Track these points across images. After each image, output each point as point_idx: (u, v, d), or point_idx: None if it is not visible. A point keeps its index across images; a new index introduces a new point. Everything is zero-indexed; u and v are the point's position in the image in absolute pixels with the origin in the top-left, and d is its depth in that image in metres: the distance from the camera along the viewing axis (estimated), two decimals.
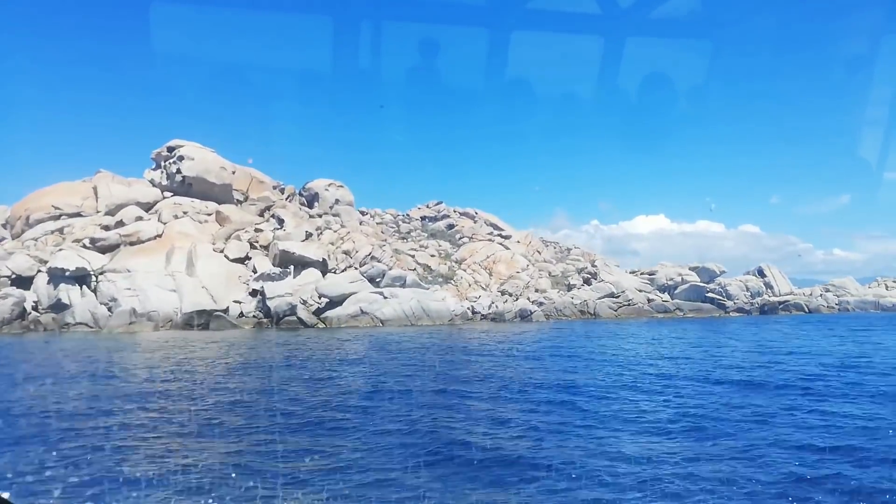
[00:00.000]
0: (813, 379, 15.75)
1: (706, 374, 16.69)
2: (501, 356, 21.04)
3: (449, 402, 12.38)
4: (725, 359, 20.53)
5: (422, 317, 38.17)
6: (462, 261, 61.59)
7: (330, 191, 60.73)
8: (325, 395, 13.18)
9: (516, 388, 14.20)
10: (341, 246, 52.85)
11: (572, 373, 16.92)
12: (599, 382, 15.17)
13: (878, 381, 15.50)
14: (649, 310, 56.78)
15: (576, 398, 12.83)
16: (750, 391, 14.03)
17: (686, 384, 15.06)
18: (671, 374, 17.01)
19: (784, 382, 15.20)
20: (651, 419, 10.93)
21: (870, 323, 45.15)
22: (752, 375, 16.52)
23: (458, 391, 13.59)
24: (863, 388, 14.42)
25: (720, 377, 16.12)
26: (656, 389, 14.21)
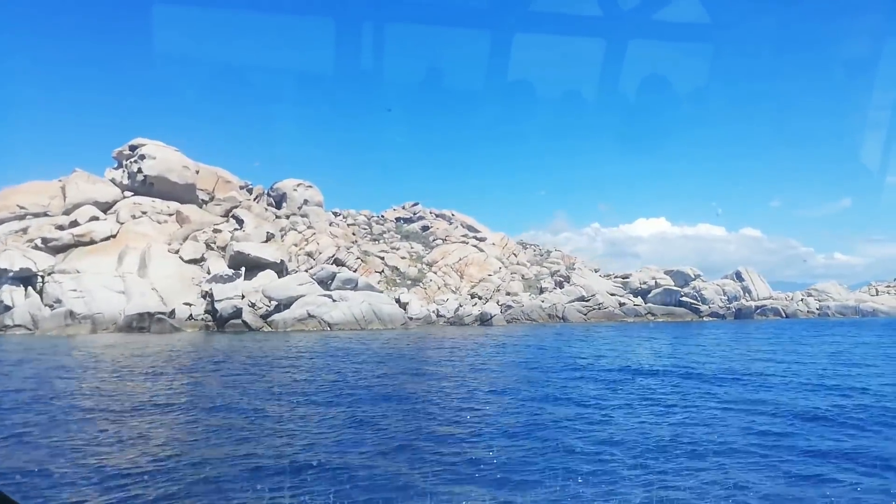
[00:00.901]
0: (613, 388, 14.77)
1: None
2: (415, 362, 20.14)
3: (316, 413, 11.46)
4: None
5: (373, 320, 37.23)
6: (433, 263, 60.75)
7: (298, 191, 59.87)
8: (183, 403, 12.25)
9: (396, 399, 13.29)
10: (305, 247, 52.06)
11: (472, 381, 16.02)
12: (493, 392, 14.27)
13: (709, 387, 14.71)
14: (620, 314, 55.85)
15: (468, 407, 11.94)
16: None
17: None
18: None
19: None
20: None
21: (827, 329, 44.12)
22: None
23: (326, 401, 12.68)
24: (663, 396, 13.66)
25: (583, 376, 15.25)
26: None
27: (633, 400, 13.38)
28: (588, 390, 14.66)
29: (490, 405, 12.76)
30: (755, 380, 16.65)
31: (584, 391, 14.51)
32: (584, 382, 15.98)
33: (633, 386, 15.48)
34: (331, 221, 61.11)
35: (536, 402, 13.04)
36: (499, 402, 13.13)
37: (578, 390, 14.66)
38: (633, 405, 12.78)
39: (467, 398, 13.52)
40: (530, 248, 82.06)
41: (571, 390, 14.63)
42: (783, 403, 12.96)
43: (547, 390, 14.60)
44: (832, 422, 11.21)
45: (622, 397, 13.73)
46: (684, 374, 17.81)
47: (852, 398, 13.77)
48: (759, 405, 12.79)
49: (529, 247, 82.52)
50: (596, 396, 13.76)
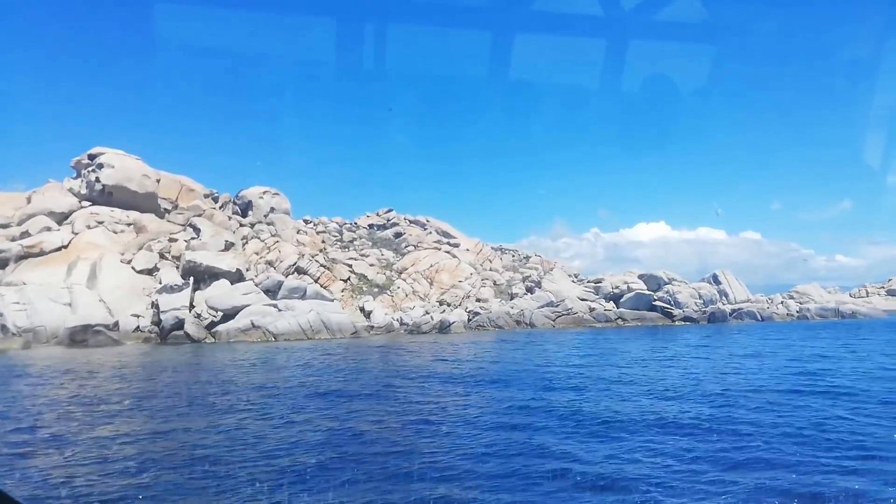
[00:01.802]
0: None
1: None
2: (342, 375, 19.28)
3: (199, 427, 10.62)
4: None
5: (320, 330, 36.35)
6: (403, 270, 59.93)
7: (265, 199, 59.11)
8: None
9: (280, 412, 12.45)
10: (266, 256, 51.26)
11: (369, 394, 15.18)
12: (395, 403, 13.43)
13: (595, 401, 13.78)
14: (590, 319, 54.93)
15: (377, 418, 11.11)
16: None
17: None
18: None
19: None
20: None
21: (791, 332, 43.21)
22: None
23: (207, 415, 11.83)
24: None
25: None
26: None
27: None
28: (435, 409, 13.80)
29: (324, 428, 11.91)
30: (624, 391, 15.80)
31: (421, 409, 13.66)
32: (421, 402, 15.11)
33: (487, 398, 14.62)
34: (299, 229, 60.24)
35: (389, 423, 12.20)
36: (333, 422, 12.28)
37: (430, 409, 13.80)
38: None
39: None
40: (508, 253, 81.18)
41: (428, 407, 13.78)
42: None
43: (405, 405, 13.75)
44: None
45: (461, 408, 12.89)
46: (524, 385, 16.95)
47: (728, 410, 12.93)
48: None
49: (508, 252, 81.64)
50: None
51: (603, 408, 13.31)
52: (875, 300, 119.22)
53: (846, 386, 16.48)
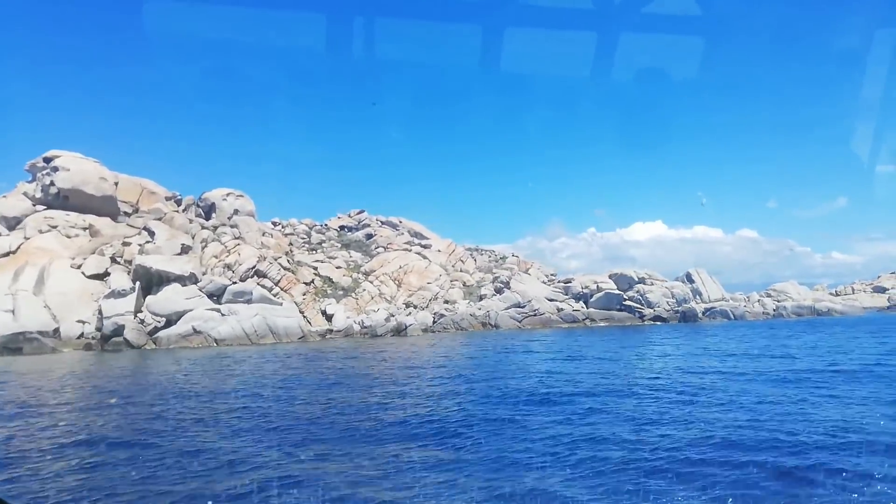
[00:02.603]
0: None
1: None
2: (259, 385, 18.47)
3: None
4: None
5: (266, 335, 35.55)
6: (371, 272, 59.13)
7: (228, 201, 58.25)
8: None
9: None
10: (225, 259, 50.38)
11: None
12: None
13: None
14: (558, 319, 54.20)
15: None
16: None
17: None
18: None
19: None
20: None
21: (748, 331, 42.51)
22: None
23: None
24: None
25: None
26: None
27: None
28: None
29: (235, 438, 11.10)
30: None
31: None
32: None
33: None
34: (264, 231, 59.40)
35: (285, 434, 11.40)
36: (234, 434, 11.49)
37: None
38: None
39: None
40: (485, 253, 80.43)
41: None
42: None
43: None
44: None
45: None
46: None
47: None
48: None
49: (485, 252, 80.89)
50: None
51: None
52: (861, 297, 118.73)
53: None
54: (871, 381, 16.70)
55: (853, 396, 14.36)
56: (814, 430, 10.88)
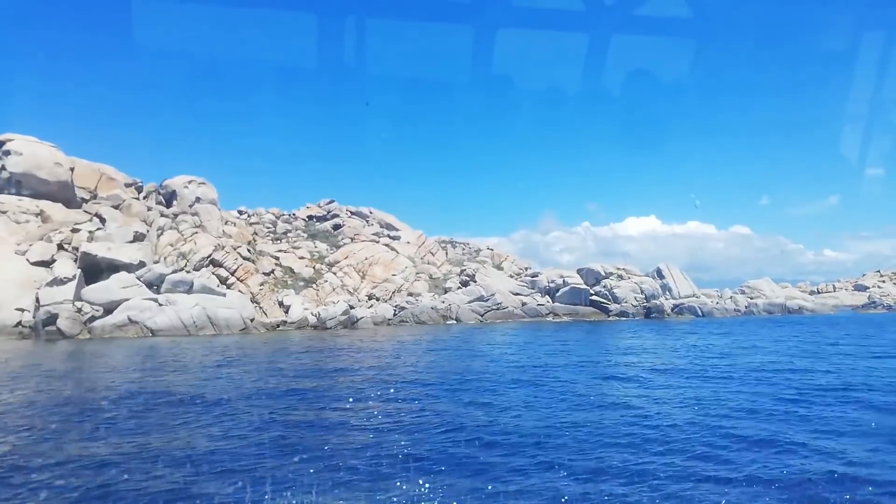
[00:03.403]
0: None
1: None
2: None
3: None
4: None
5: (206, 326, 34.73)
6: (335, 263, 58.34)
7: (190, 188, 57.20)
8: None
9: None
10: (181, 247, 49.47)
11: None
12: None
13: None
14: (521, 314, 53.60)
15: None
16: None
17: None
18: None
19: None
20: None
21: (700, 328, 42.03)
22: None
23: None
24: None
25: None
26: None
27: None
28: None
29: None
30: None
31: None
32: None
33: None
34: (227, 220, 58.47)
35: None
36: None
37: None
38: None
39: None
40: (459, 246, 79.75)
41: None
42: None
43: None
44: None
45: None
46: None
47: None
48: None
49: (459, 245, 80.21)
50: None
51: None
52: (841, 295, 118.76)
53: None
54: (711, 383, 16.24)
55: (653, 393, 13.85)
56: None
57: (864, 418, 11.81)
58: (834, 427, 11.11)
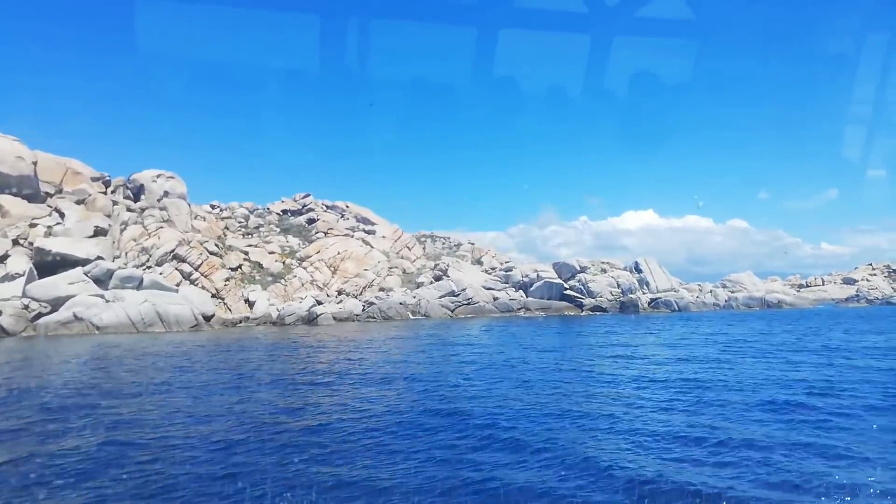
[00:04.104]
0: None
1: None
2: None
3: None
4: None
5: (154, 323, 34.02)
6: (306, 258, 57.60)
7: (158, 182, 56.32)
8: None
9: None
10: (144, 242, 48.71)
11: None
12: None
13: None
14: (492, 309, 52.94)
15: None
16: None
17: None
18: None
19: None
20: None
21: (662, 323, 41.40)
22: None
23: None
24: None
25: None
26: None
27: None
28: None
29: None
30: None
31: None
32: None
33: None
34: (196, 214, 57.67)
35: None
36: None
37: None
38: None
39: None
40: (440, 240, 79.08)
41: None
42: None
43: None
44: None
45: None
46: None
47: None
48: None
49: (439, 239, 79.54)
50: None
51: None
52: (830, 289, 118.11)
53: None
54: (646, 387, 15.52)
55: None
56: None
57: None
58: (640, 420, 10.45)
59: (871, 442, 9.73)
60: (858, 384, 14.88)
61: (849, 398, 13.14)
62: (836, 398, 13.15)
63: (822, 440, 9.77)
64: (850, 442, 9.68)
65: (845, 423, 10.90)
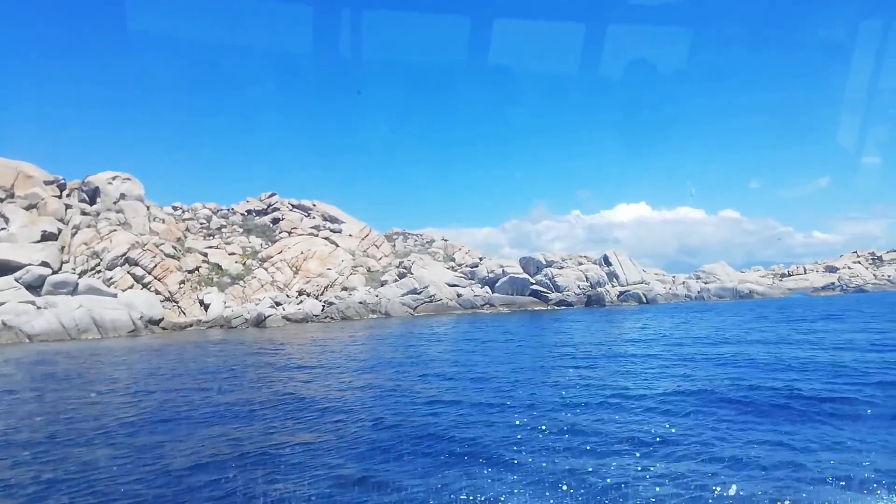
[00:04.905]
0: None
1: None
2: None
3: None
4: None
5: (89, 329, 33.08)
6: (268, 258, 56.69)
7: (114, 184, 55.27)
8: None
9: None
10: (95, 246, 47.68)
11: None
12: None
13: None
14: (455, 306, 52.21)
15: None
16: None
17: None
18: None
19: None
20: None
21: (616, 316, 40.76)
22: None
23: None
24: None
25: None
26: None
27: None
28: None
29: None
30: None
31: None
32: None
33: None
34: (155, 216, 56.60)
35: None
36: None
37: None
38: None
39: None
40: (412, 237, 78.23)
41: None
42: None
43: None
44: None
45: None
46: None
47: None
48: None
49: (411, 236, 78.68)
50: None
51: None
52: (812, 277, 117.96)
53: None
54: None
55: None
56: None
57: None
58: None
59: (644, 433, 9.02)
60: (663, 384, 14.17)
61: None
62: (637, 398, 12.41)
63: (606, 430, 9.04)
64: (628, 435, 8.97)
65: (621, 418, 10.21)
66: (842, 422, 10.07)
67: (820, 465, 7.90)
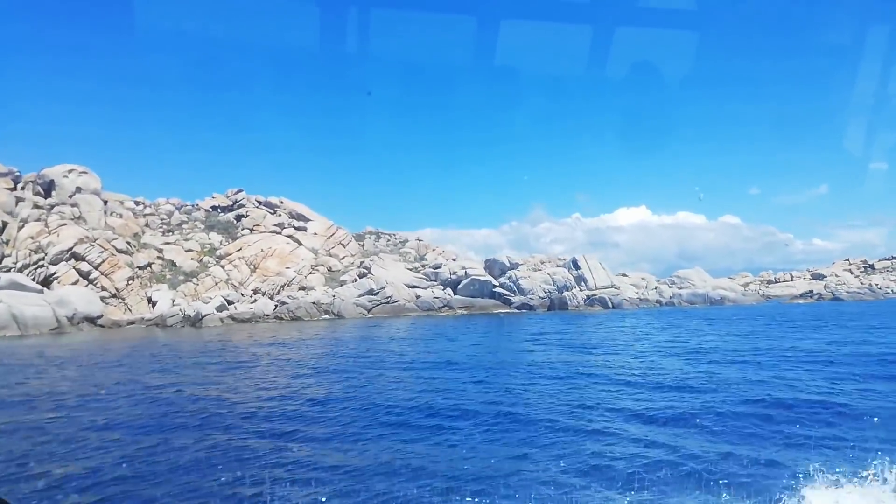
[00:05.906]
0: None
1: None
2: None
3: None
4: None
5: (8, 325, 32.09)
6: (226, 255, 55.65)
7: (70, 177, 54.27)
8: None
9: None
10: (41, 240, 46.65)
11: None
12: None
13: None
14: (413, 307, 51.14)
15: None
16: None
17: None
18: None
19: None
20: None
21: (571, 321, 39.65)
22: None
23: None
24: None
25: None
26: None
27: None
28: None
29: None
30: None
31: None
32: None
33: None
34: (112, 211, 55.60)
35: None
36: None
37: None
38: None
39: None
40: (385, 237, 77.18)
41: None
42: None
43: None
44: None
45: None
46: None
47: None
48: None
49: (384, 236, 77.63)
50: None
51: None
52: (798, 284, 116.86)
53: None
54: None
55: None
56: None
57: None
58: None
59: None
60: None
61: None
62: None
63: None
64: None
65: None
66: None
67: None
